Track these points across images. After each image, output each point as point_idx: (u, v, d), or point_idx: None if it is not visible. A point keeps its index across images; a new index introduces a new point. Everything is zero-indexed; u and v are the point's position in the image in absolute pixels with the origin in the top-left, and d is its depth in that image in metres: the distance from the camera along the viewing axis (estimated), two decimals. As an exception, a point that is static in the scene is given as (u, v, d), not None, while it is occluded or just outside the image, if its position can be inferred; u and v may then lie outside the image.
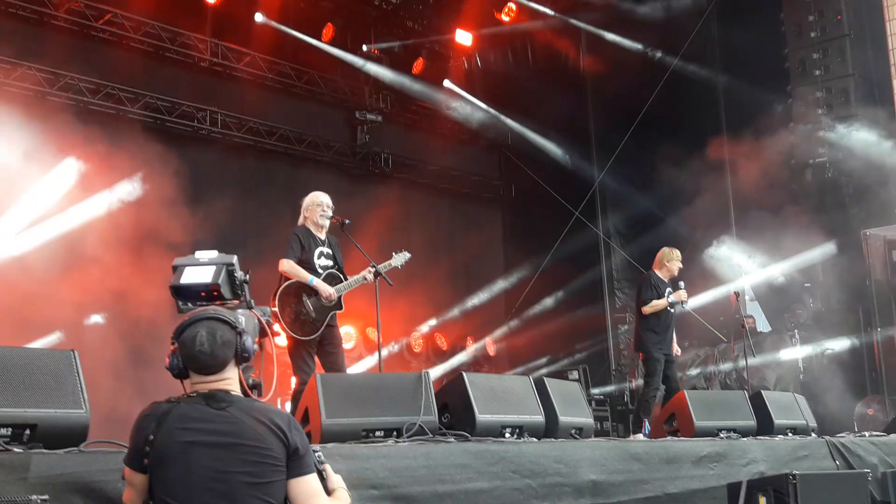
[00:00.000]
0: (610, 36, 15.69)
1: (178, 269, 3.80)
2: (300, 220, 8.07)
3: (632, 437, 9.77)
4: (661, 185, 14.22)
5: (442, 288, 15.93)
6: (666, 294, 9.90)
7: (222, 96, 14.06)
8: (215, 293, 3.72)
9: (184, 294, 3.74)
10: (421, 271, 12.59)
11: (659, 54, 15.15)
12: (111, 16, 12.69)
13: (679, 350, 10.28)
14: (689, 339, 13.79)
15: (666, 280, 10.02)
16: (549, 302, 16.21)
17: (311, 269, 7.80)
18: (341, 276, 7.96)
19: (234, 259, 3.80)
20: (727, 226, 14.52)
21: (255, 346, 3.70)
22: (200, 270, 3.76)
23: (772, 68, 13.75)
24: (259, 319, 3.84)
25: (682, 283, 9.95)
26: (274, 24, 14.05)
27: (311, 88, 15.26)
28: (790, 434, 8.78)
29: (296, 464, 3.36)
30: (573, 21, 15.97)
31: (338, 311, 7.88)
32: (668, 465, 7.12)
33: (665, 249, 10.23)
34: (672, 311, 10.00)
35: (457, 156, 17.36)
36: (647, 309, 9.86)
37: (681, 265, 10.03)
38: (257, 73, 14.41)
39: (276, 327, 7.32)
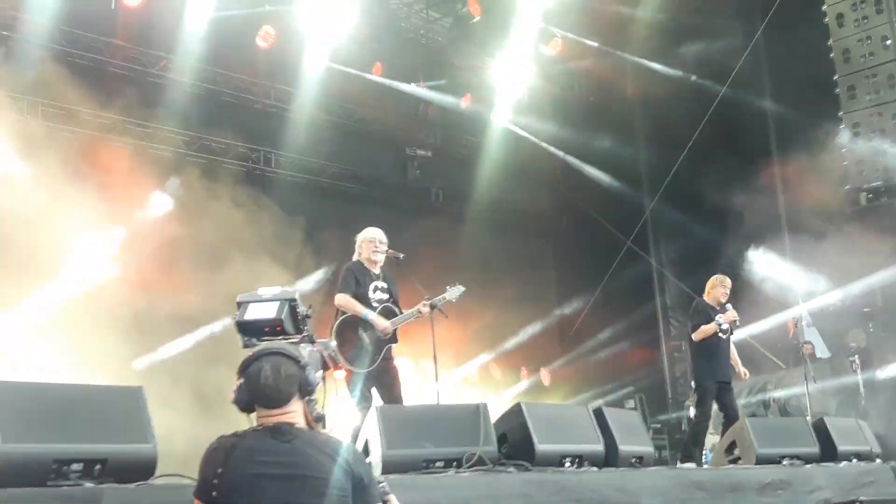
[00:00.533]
0: (656, 65, 15.68)
1: (242, 306, 3.90)
2: (354, 256, 8.16)
3: (678, 466, 9.65)
4: (711, 213, 14.15)
5: (495, 320, 15.92)
6: (715, 320, 9.83)
7: (274, 135, 14.28)
8: (279, 328, 3.80)
9: (248, 330, 3.83)
10: (474, 304, 12.60)
11: (707, 81, 15.08)
12: (165, 62, 13.00)
13: (746, 373, 10.11)
14: (746, 367, 13.62)
15: (716, 307, 9.93)
16: (603, 332, 16.14)
17: (366, 303, 7.86)
18: (396, 309, 8.02)
19: (297, 294, 3.89)
20: (781, 250, 14.35)
21: (319, 379, 3.77)
22: (264, 307, 3.85)
23: (821, 93, 13.65)
24: (322, 353, 3.90)
25: (729, 305, 9.85)
26: (328, 64, 14.24)
27: (361, 127, 15.45)
28: (854, 460, 8.64)
29: (361, 494, 3.40)
30: (619, 53, 15.99)
31: (393, 344, 7.93)
32: (732, 492, 7.04)
33: (715, 276, 10.19)
34: (724, 336, 9.89)
35: (507, 189, 17.39)
36: (696, 335, 9.76)
37: (727, 292, 9.92)
38: (309, 114, 14.63)
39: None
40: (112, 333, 11.16)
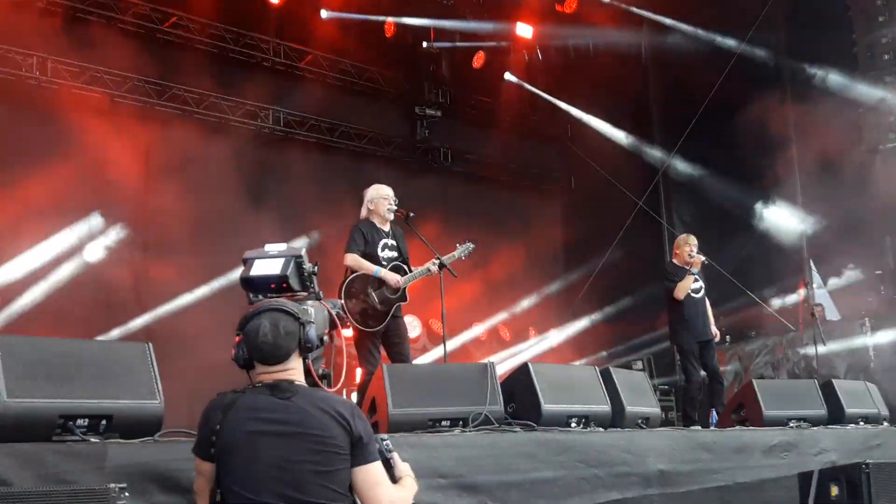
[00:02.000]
0: (671, 22, 15.47)
1: (247, 262, 3.86)
2: (363, 213, 8.12)
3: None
4: (726, 173, 14.07)
5: (504, 280, 15.92)
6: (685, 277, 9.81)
7: (284, 95, 14.21)
8: (284, 285, 3.77)
9: (254, 286, 3.80)
10: (483, 264, 12.63)
11: (724, 38, 14.86)
12: (176, 19, 12.91)
13: (717, 332, 10.11)
14: (755, 329, 13.61)
15: (684, 266, 9.90)
16: (612, 293, 16.09)
17: (375, 261, 7.85)
18: (406, 267, 8.00)
19: (303, 251, 3.85)
20: (794, 208, 14.23)
21: (326, 338, 3.75)
22: (270, 263, 3.82)
23: (839, 52, 13.49)
24: (329, 311, 3.87)
25: (693, 255, 9.84)
26: (339, 15, 14.12)
27: (371, 85, 15.36)
28: (862, 423, 8.65)
29: (359, 452, 3.39)
30: (634, 9, 15.79)
31: (402, 303, 7.93)
32: (738, 454, 7.06)
33: (680, 236, 10.27)
34: (696, 295, 9.89)
35: (517, 149, 17.30)
36: (677, 293, 9.74)
37: (693, 250, 9.90)
38: (319, 72, 14.55)
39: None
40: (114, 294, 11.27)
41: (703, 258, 9.82)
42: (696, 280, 9.87)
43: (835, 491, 6.54)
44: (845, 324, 13.27)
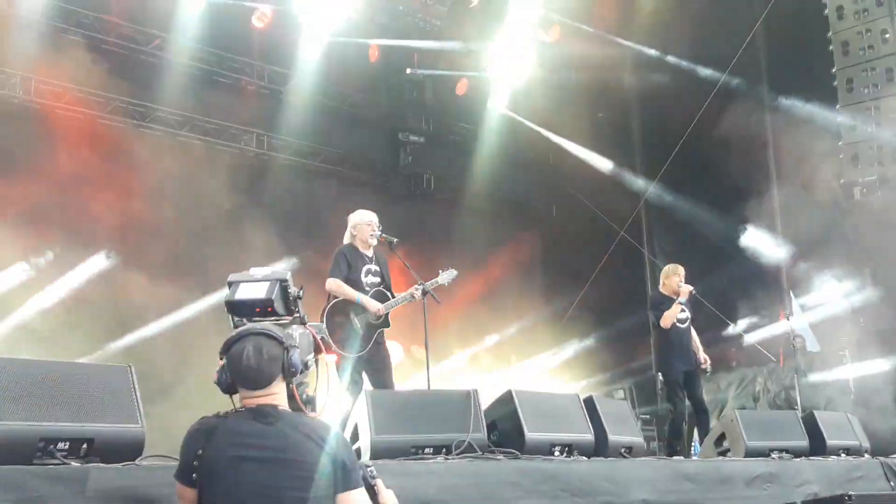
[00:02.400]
0: (654, 52, 15.60)
1: (233, 285, 3.84)
2: (346, 239, 8.11)
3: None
4: (707, 203, 14.15)
5: (486, 307, 15.91)
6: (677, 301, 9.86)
7: (267, 119, 14.19)
8: (269, 309, 3.74)
9: (238, 310, 3.77)
10: (465, 291, 12.62)
11: (705, 70, 14.99)
12: (160, 41, 12.87)
13: (706, 359, 10.13)
14: (736, 359, 13.64)
15: (672, 296, 9.95)
16: (594, 322, 16.11)
17: (358, 286, 7.84)
18: (389, 293, 7.98)
19: (288, 275, 3.83)
20: (776, 241, 14.32)
21: (311, 363, 3.73)
22: (255, 287, 3.80)
23: (819, 85, 13.63)
24: (314, 336, 3.85)
25: (682, 285, 9.90)
26: (323, 46, 14.13)
27: (355, 111, 15.36)
28: (843, 455, 8.64)
29: (343, 478, 3.36)
30: (618, 39, 15.92)
31: (385, 328, 7.90)
32: (721, 485, 7.02)
33: (668, 266, 10.28)
34: (682, 326, 9.93)
35: (499, 176, 17.31)
36: (663, 322, 9.79)
37: (681, 280, 9.96)
38: (302, 96, 14.53)
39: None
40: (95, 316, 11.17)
41: (690, 288, 9.86)
42: (682, 310, 9.91)
43: (817, 522, 6.54)
44: (826, 355, 13.33)
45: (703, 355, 10.01)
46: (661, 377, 10.35)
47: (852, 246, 12.81)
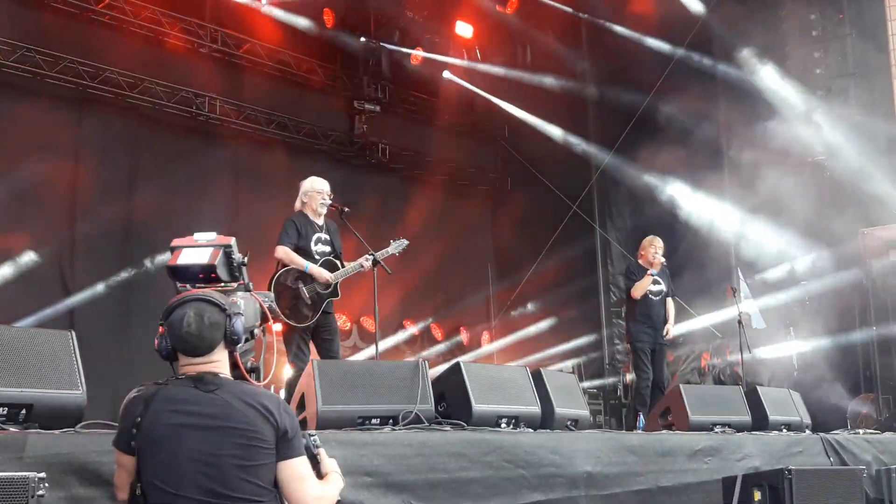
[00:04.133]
0: (613, 27, 15.58)
1: (175, 250, 3.77)
2: (297, 206, 8.05)
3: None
4: (660, 175, 14.26)
5: (437, 278, 15.93)
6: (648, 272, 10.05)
7: (221, 83, 13.99)
8: (213, 275, 3.68)
9: (181, 275, 3.70)
10: (417, 261, 12.61)
11: (663, 43, 15.00)
12: (109, 1, 12.61)
13: (669, 329, 10.28)
14: (683, 335, 13.77)
15: (647, 267, 10.12)
16: (544, 294, 16.19)
17: (308, 255, 7.79)
18: (339, 263, 7.94)
19: (233, 241, 3.76)
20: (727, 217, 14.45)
21: (257, 331, 3.69)
22: (197, 252, 3.72)
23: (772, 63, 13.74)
24: (261, 304, 3.80)
25: (657, 256, 10.06)
26: (276, 10, 13.97)
27: (309, 77, 15.19)
28: (784, 430, 8.80)
29: (284, 446, 3.33)
30: (578, 14, 15.89)
31: (334, 298, 7.87)
32: (662, 458, 7.13)
33: (647, 238, 10.46)
34: (655, 298, 10.08)
35: (454, 147, 17.31)
36: (634, 292, 10.08)
37: (658, 252, 10.12)
38: (256, 61, 14.35)
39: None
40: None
41: (662, 260, 10.07)
42: (656, 282, 10.06)
43: (758, 496, 6.66)
44: (770, 332, 13.53)
45: (668, 327, 10.17)
46: (628, 346, 10.54)
47: (801, 226, 12.97)
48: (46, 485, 3.67)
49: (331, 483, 3.54)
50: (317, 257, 7.83)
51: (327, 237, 7.97)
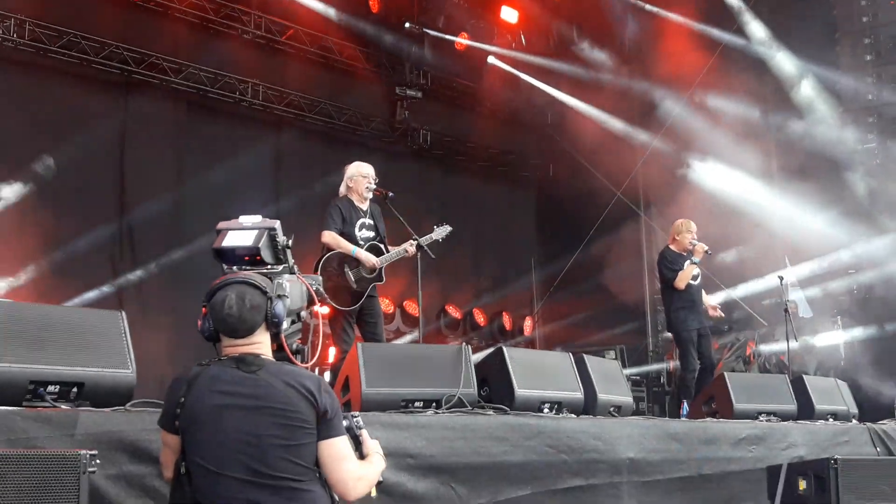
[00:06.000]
0: (657, 9, 15.39)
1: (220, 233, 3.81)
2: (342, 191, 8.07)
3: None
4: (704, 163, 14.19)
5: (480, 264, 15.91)
6: (685, 266, 9.78)
7: (264, 69, 14.06)
8: (257, 258, 3.72)
9: (226, 257, 3.74)
10: (460, 247, 12.61)
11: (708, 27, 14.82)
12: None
13: (716, 307, 10.15)
14: (729, 323, 13.66)
15: (683, 253, 9.88)
16: (588, 281, 16.09)
17: (352, 240, 7.82)
18: (383, 247, 7.97)
19: (277, 224, 3.80)
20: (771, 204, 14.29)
21: (304, 313, 3.72)
22: (242, 234, 3.76)
23: (822, 52, 13.59)
24: (307, 287, 3.82)
25: (694, 243, 9.81)
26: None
27: (351, 63, 15.19)
28: (831, 419, 8.73)
29: (325, 426, 3.37)
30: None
31: (379, 283, 7.90)
32: (706, 445, 7.10)
33: (678, 221, 10.13)
34: (695, 283, 9.87)
35: (497, 134, 17.22)
36: (678, 283, 9.72)
37: (694, 236, 9.87)
38: (299, 47, 14.39)
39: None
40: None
41: (705, 247, 9.73)
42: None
43: (803, 485, 6.59)
44: (817, 321, 13.38)
45: (714, 304, 10.03)
46: (673, 336, 10.33)
47: (848, 216, 12.82)
48: (98, 461, 3.74)
49: (372, 463, 3.57)
50: (361, 242, 7.86)
51: (371, 222, 8.00)
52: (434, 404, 5.98)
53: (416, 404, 5.93)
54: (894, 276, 12.66)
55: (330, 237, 7.78)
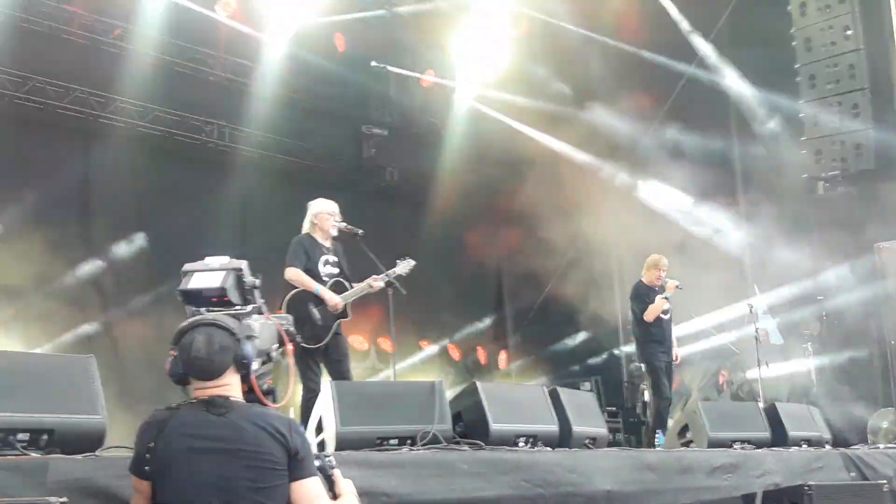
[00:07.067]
0: (625, 46, 15.54)
1: (186, 274, 3.79)
2: (305, 227, 8.07)
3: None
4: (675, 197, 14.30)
5: (454, 300, 15.89)
6: (656, 300, 9.94)
7: (230, 110, 14.02)
8: (225, 298, 3.71)
9: (192, 299, 3.73)
10: (432, 283, 12.60)
11: (671, 61, 15.00)
12: (121, 31, 12.69)
13: (678, 355, 10.27)
14: (701, 351, 13.72)
15: (654, 287, 10.04)
16: (561, 314, 16.12)
17: (315, 277, 7.81)
18: (347, 283, 7.95)
19: (244, 264, 3.79)
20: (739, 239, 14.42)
21: (274, 354, 3.69)
22: (208, 276, 3.75)
23: (783, 80, 13.76)
24: (278, 327, 3.81)
25: (665, 278, 9.98)
26: (285, 37, 14.01)
27: (318, 103, 15.20)
28: (804, 446, 8.74)
29: (297, 467, 3.37)
30: (587, 33, 15.85)
31: (344, 319, 7.87)
32: (681, 475, 7.07)
33: (651, 257, 10.34)
34: (666, 317, 10.02)
35: (464, 171, 17.22)
36: (647, 316, 9.95)
37: (662, 273, 10.05)
38: (265, 87, 14.35)
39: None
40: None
41: (676, 283, 9.95)
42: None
43: (778, 512, 6.60)
44: (788, 348, 13.45)
45: (675, 351, 10.14)
46: (643, 367, 10.44)
47: (817, 241, 12.94)
48: (69, 509, 3.67)
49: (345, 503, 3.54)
50: (325, 278, 7.84)
51: (335, 258, 7.99)
52: (409, 441, 5.94)
53: (391, 441, 5.89)
54: (863, 301, 12.76)
55: (294, 273, 7.76)
